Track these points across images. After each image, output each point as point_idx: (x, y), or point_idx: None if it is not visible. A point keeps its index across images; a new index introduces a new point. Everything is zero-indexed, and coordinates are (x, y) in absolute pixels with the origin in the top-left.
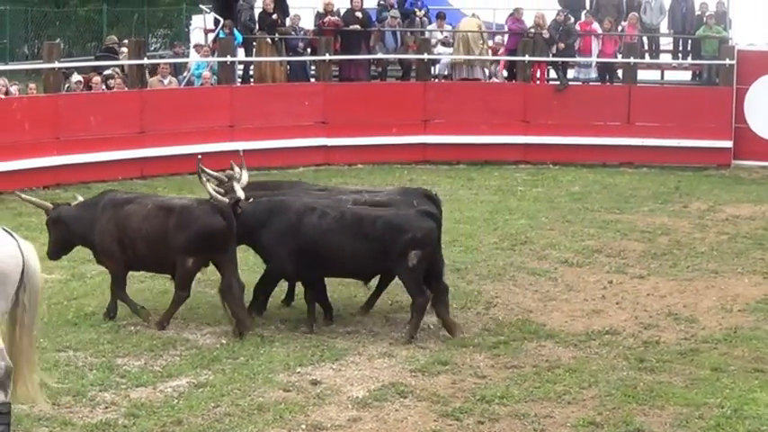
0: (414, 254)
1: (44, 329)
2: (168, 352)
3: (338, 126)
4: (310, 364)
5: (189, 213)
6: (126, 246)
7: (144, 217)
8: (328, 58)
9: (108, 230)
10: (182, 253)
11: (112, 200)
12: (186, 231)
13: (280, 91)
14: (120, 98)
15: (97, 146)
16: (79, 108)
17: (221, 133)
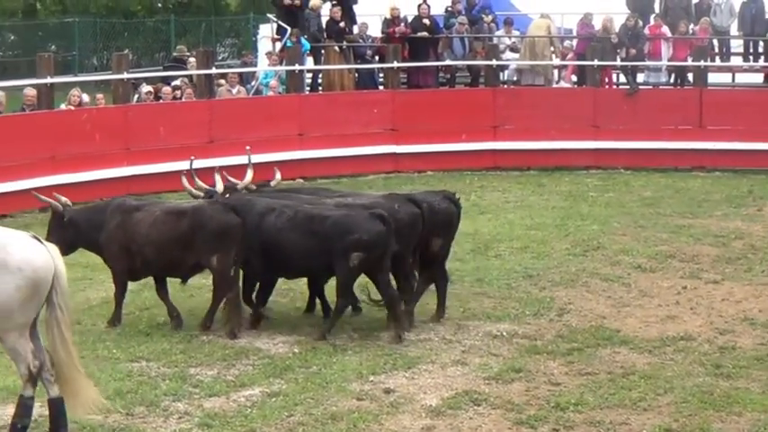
0: (355, 255)
1: (116, 340)
2: (241, 361)
3: (407, 133)
4: (383, 372)
5: (201, 214)
6: (135, 252)
7: (153, 223)
8: (396, 65)
9: (116, 237)
10: (204, 254)
11: (121, 206)
12: (202, 231)
13: (348, 99)
14: (189, 108)
15: (167, 156)
16: (148, 118)
17: (290, 142)
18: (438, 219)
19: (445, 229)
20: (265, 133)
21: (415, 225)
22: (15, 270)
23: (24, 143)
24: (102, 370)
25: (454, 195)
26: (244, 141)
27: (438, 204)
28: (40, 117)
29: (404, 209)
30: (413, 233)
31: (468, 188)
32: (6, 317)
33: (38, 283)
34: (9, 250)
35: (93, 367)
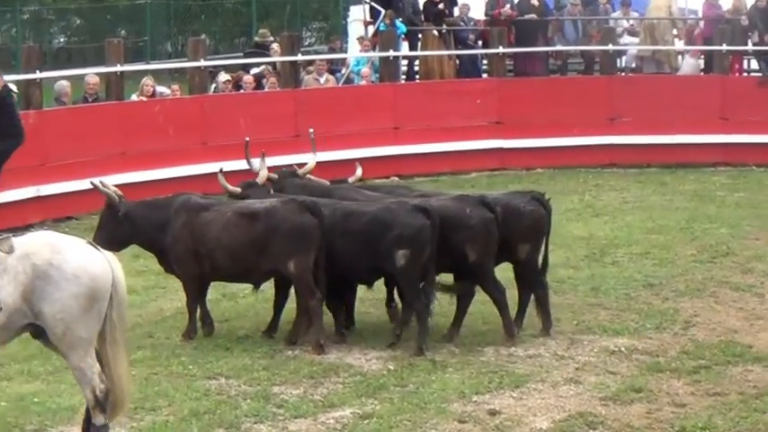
0: (401, 254)
1: (193, 355)
2: (330, 379)
3: (514, 126)
4: (488, 391)
5: (275, 216)
6: (203, 256)
7: (224, 225)
8: (502, 50)
9: (182, 239)
10: (279, 259)
11: (186, 204)
12: (278, 234)
13: (448, 88)
14: (272, 99)
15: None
16: (227, 110)
17: (384, 136)
18: (524, 223)
19: (533, 234)
20: (356, 126)
21: (488, 231)
22: (72, 277)
23: (91, 138)
24: (177, 388)
25: (543, 196)
26: (332, 135)
27: (524, 207)
28: (109, 109)
29: (475, 213)
30: (487, 239)
31: (581, 187)
32: (66, 328)
33: (96, 292)
34: (65, 256)
35: (166, 385)
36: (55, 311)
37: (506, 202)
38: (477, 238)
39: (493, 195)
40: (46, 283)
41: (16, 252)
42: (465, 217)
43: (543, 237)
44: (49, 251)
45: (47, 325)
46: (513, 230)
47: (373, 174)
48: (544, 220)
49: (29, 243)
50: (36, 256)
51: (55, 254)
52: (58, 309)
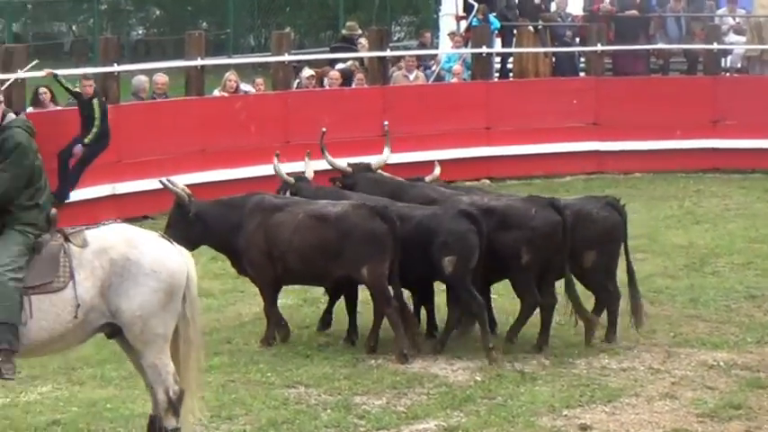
0: (448, 261)
1: (271, 362)
2: (414, 390)
3: (612, 128)
4: (579, 405)
5: (344, 221)
6: (276, 258)
7: (296, 227)
8: (600, 48)
9: (256, 240)
10: (350, 265)
11: (261, 204)
12: (347, 240)
13: (544, 87)
14: (359, 96)
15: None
16: (311, 107)
17: (475, 136)
18: (592, 229)
19: (602, 241)
20: (447, 126)
21: (553, 234)
22: (149, 272)
23: (170, 134)
24: (255, 396)
25: (618, 202)
26: (421, 135)
27: (596, 212)
28: (189, 104)
29: (541, 215)
30: (551, 243)
31: (681, 193)
32: (144, 325)
33: (173, 287)
34: (142, 251)
35: (244, 393)
36: (133, 308)
37: (577, 207)
38: (536, 240)
39: (567, 200)
40: (123, 279)
41: (91, 246)
42: (528, 217)
43: (616, 245)
44: (125, 245)
45: (123, 322)
46: (579, 237)
47: (463, 176)
48: (616, 227)
49: (104, 237)
50: (113, 251)
51: (132, 248)
52: (137, 305)
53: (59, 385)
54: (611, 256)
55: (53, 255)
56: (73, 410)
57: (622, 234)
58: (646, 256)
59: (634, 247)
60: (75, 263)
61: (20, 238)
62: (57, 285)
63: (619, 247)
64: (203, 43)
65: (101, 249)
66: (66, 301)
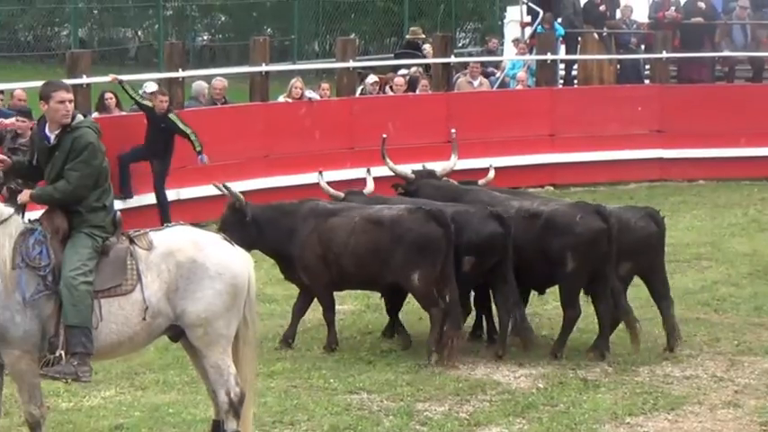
0: (467, 259)
1: (334, 368)
2: (476, 396)
3: (676, 135)
4: (641, 413)
5: (399, 225)
6: (331, 263)
7: (351, 231)
8: (665, 55)
9: (311, 245)
10: (402, 270)
11: (315, 210)
12: (401, 244)
13: (608, 94)
14: (423, 102)
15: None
16: (376, 113)
17: (539, 143)
18: (629, 239)
19: (639, 251)
20: (510, 132)
21: (597, 242)
22: (215, 274)
23: (234, 140)
24: (317, 402)
25: (658, 213)
26: (485, 142)
27: (634, 222)
28: (253, 110)
29: (585, 221)
30: (594, 250)
31: (746, 201)
32: (208, 327)
33: (237, 289)
34: (207, 252)
35: (306, 398)
36: (199, 310)
37: (617, 216)
38: (580, 247)
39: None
40: (189, 282)
41: (158, 249)
42: (572, 224)
43: (652, 256)
44: (191, 248)
45: (188, 324)
46: (618, 246)
47: (527, 182)
48: (654, 238)
49: (170, 240)
50: (179, 254)
51: (198, 251)
52: (202, 307)
53: (122, 390)
54: (650, 268)
55: (120, 257)
56: (136, 415)
57: (660, 245)
58: (710, 264)
59: (698, 254)
60: (142, 266)
61: (89, 242)
62: (125, 288)
63: (657, 259)
64: (268, 49)
65: (167, 252)
66: (134, 303)
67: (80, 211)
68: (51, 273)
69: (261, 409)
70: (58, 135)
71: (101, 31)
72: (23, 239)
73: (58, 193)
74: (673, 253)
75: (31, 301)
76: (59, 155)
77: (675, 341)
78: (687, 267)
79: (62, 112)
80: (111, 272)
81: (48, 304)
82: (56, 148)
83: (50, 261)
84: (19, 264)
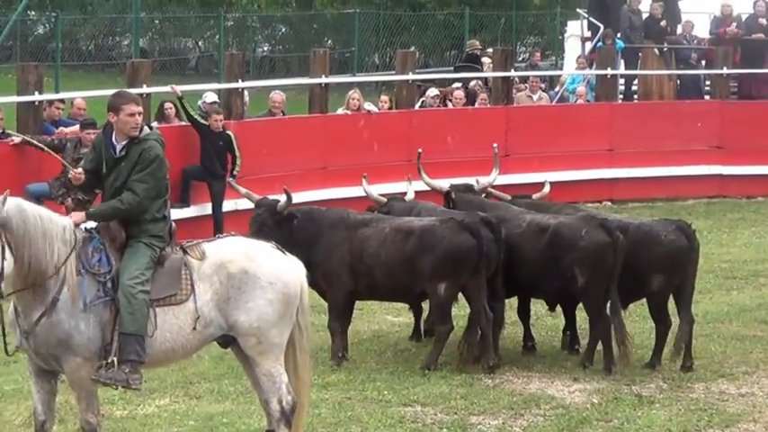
0: None
1: (388, 380)
2: (530, 411)
3: (736, 152)
4: (696, 430)
5: (432, 234)
6: (361, 273)
7: (382, 242)
8: (726, 71)
9: (339, 254)
10: (431, 279)
11: (345, 219)
12: (433, 254)
13: (668, 110)
14: (482, 115)
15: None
16: (435, 126)
17: (598, 158)
18: (659, 252)
19: (670, 264)
20: (569, 147)
21: (601, 255)
22: (266, 284)
23: (292, 150)
24: (371, 414)
25: (689, 227)
26: (543, 156)
27: (664, 236)
28: (312, 122)
29: (590, 235)
30: (599, 264)
31: None
32: (261, 336)
33: (289, 297)
34: (259, 263)
35: (360, 410)
36: (251, 320)
37: (647, 229)
38: (586, 261)
39: (637, 221)
40: (241, 292)
41: (210, 259)
42: (577, 238)
43: (683, 269)
44: (243, 259)
45: (241, 333)
46: (647, 259)
47: (585, 197)
48: (684, 252)
49: (221, 251)
50: (231, 265)
51: (249, 261)
52: (255, 317)
53: (177, 399)
54: (681, 282)
55: (175, 267)
56: (190, 424)
57: (691, 259)
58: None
59: (755, 271)
60: (195, 276)
61: (148, 251)
62: (180, 298)
63: (687, 273)
64: (328, 61)
65: (219, 263)
66: (187, 313)
67: (139, 221)
68: (111, 280)
69: (315, 420)
70: (125, 146)
71: (162, 41)
72: (83, 247)
73: (125, 205)
74: (730, 270)
75: (91, 307)
76: (126, 165)
77: (688, 360)
78: (745, 284)
79: (131, 125)
80: (166, 281)
81: (105, 311)
82: (122, 159)
83: (110, 268)
84: (81, 270)
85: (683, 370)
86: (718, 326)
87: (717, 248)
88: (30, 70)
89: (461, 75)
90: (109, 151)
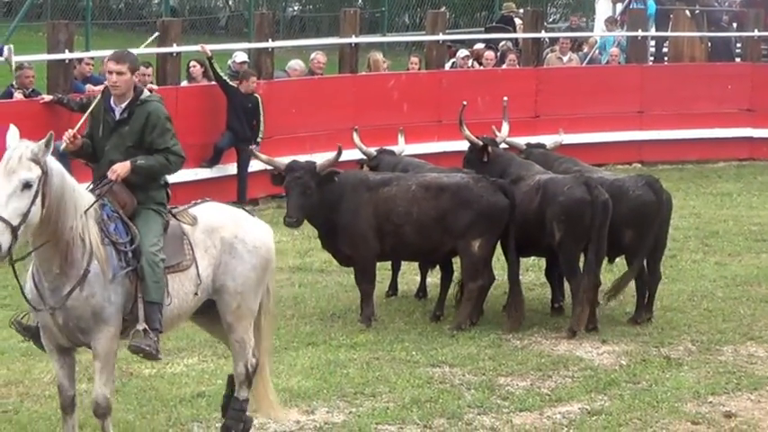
0: None
1: (417, 341)
2: (558, 372)
3: (767, 115)
4: (724, 392)
5: (469, 191)
6: (388, 233)
7: (411, 200)
8: (757, 34)
9: (365, 217)
10: (465, 237)
11: (365, 181)
12: (468, 212)
13: (699, 72)
14: (513, 77)
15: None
16: (465, 87)
17: (628, 120)
18: (627, 207)
19: (638, 219)
20: (599, 109)
21: (578, 211)
22: (252, 249)
23: (321, 111)
24: (399, 374)
25: (657, 182)
26: (573, 118)
27: (633, 192)
28: (341, 82)
29: (570, 191)
30: (575, 220)
31: None
32: (242, 300)
33: (268, 263)
34: (245, 228)
35: (388, 370)
36: (237, 285)
37: (619, 185)
38: (562, 217)
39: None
40: (231, 257)
41: (200, 225)
42: (558, 194)
43: (653, 224)
44: (233, 224)
45: (225, 298)
46: (617, 214)
47: (615, 159)
48: (650, 207)
49: (210, 216)
50: (223, 231)
51: (238, 227)
52: (240, 282)
53: (205, 358)
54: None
55: (177, 234)
56: (218, 383)
57: (660, 214)
58: None
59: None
60: (187, 241)
61: (159, 219)
62: (185, 264)
63: (657, 228)
64: (358, 21)
65: (211, 229)
66: (191, 279)
67: (147, 188)
68: (132, 250)
69: (343, 379)
70: (126, 108)
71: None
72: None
73: (171, 164)
74: (760, 232)
75: (118, 278)
76: (130, 129)
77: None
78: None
79: (109, 83)
80: (173, 249)
81: (127, 280)
82: (124, 122)
83: (130, 237)
84: (105, 241)
85: (631, 322)
86: (747, 288)
87: (746, 211)
88: (60, 28)
89: (491, 35)
90: (109, 114)
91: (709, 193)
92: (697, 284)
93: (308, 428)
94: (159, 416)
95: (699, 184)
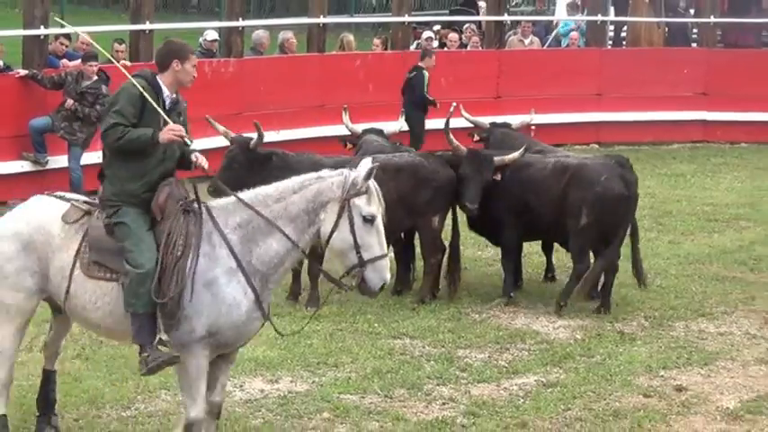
0: None
1: (379, 313)
2: (515, 345)
3: (720, 98)
4: (675, 367)
5: (425, 169)
6: None
7: None
8: (713, 20)
9: None
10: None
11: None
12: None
13: (655, 56)
14: (475, 58)
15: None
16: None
17: (586, 102)
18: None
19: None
20: (559, 90)
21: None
22: None
23: (289, 89)
24: (361, 346)
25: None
26: (533, 99)
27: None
28: (309, 60)
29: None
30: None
31: None
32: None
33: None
34: None
35: (350, 342)
36: None
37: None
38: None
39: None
40: None
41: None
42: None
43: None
44: None
45: None
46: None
47: (573, 140)
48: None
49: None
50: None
51: None
52: None
53: None
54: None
55: None
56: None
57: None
58: (748, 225)
59: (737, 215)
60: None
61: None
62: None
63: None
64: (327, 1)
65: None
66: None
67: None
68: None
69: (307, 350)
70: (174, 99)
71: None
72: None
73: None
74: (712, 213)
75: None
76: (173, 119)
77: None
78: (726, 227)
79: (192, 77)
80: None
81: None
82: (170, 112)
83: None
84: None
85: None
86: (699, 267)
87: (700, 192)
88: (36, 4)
89: (456, 18)
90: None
91: (664, 174)
92: (651, 262)
93: (272, 397)
94: (128, 383)
95: (654, 164)
